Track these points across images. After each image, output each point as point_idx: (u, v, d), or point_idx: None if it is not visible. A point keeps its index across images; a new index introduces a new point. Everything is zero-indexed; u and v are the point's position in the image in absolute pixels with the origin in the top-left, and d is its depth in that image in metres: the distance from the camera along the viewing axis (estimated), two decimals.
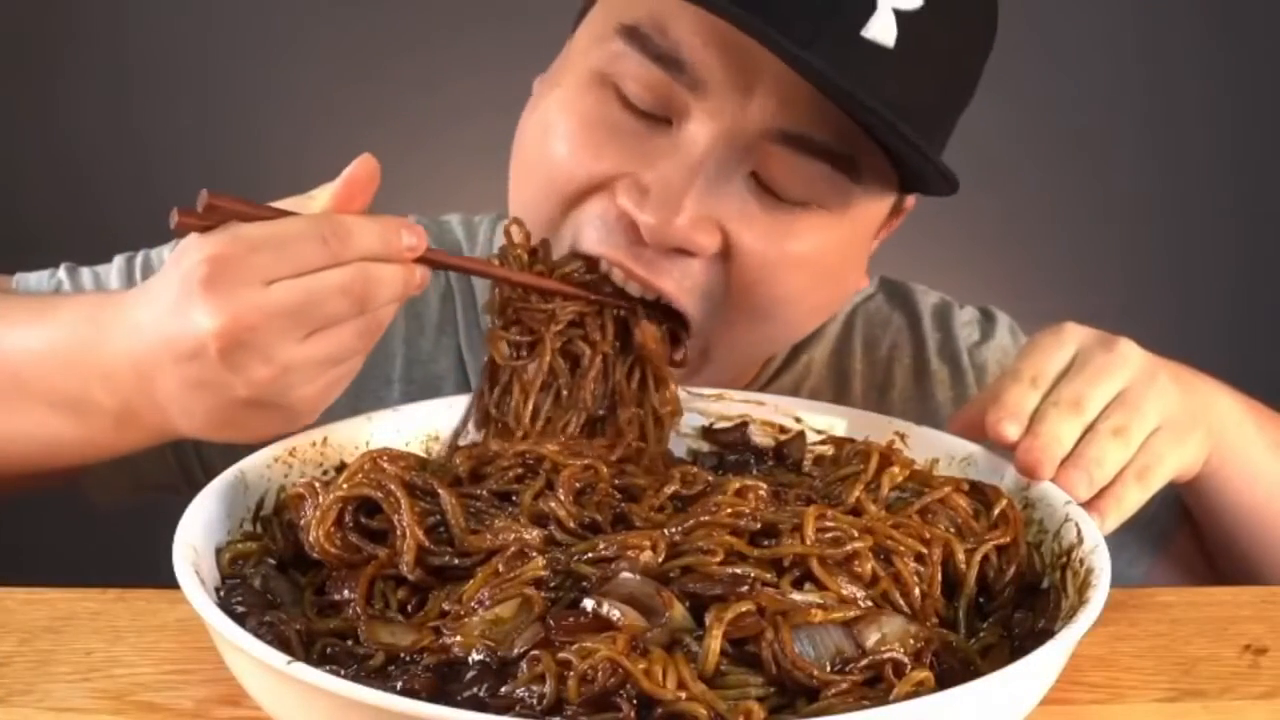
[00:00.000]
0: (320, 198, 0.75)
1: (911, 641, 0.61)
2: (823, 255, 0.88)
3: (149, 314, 0.74)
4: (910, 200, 0.97)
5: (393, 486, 0.69)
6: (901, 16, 0.80)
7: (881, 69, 0.79)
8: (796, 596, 0.63)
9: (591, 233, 0.86)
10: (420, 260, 0.76)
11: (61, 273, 1.03)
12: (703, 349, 0.90)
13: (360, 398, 0.92)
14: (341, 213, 0.74)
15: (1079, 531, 0.71)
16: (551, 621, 0.60)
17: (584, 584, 0.64)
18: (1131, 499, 0.77)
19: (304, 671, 0.54)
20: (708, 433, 0.89)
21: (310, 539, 0.69)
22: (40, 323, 0.81)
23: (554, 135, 0.87)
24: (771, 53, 0.77)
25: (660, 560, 0.65)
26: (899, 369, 1.08)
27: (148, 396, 0.75)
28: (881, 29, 0.79)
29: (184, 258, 0.72)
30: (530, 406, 0.84)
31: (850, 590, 0.65)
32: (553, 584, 0.65)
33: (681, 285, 0.86)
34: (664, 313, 0.87)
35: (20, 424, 0.82)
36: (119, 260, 1.04)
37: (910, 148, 0.80)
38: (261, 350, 0.71)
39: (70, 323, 0.80)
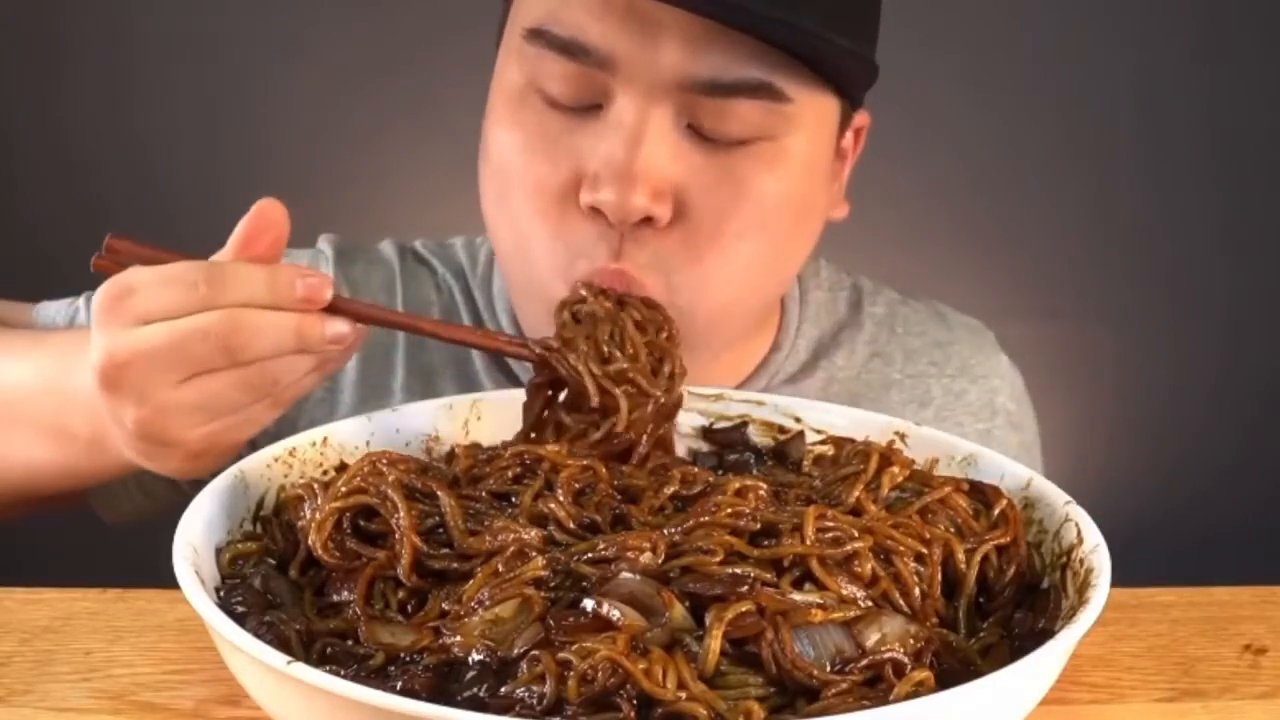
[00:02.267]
0: (226, 248, 0.75)
1: (911, 641, 0.61)
2: (776, 186, 0.89)
3: None
4: (861, 117, 0.98)
5: (390, 491, 0.69)
6: None
7: None
8: (796, 596, 0.63)
9: (582, 261, 0.88)
10: (333, 310, 0.73)
11: (80, 301, 1.04)
12: (678, 324, 0.88)
13: (360, 412, 0.92)
14: (241, 259, 0.73)
15: (1079, 531, 0.71)
16: (551, 621, 0.60)
17: (584, 584, 0.64)
18: None
19: (304, 671, 0.54)
20: (708, 433, 0.89)
21: (307, 544, 0.69)
22: (33, 352, 0.84)
23: (506, 161, 0.89)
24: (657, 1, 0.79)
25: (660, 560, 0.65)
26: (936, 386, 1.08)
27: (106, 423, 0.77)
28: None
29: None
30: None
31: (850, 590, 0.65)
32: (552, 584, 0.65)
33: (643, 263, 0.87)
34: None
35: (10, 447, 0.84)
36: None
37: (806, 36, 0.81)
38: (136, 388, 0.72)
39: (58, 352, 0.82)
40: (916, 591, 0.67)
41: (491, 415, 0.86)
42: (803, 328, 1.08)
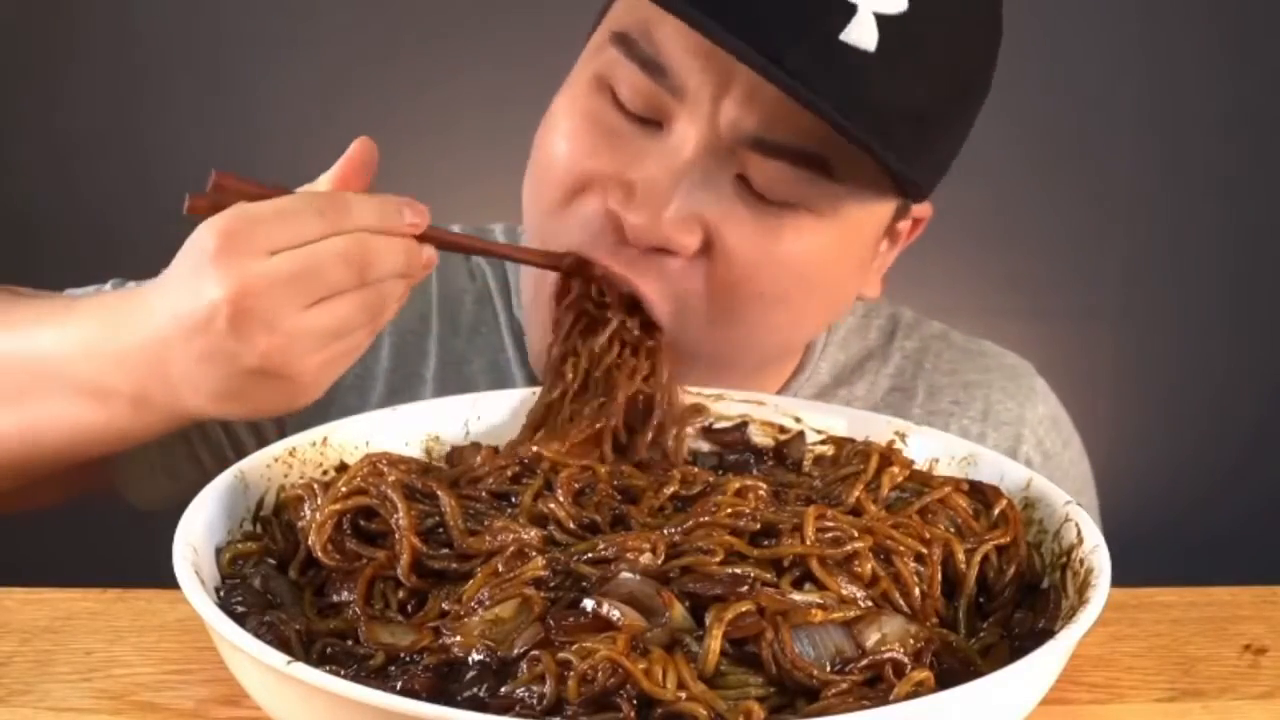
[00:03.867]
0: (323, 181, 0.81)
1: (911, 641, 0.61)
2: (809, 257, 0.88)
3: (160, 297, 0.77)
4: (923, 209, 0.96)
5: (389, 492, 0.69)
6: (884, 20, 0.80)
7: (862, 73, 0.80)
8: (796, 596, 0.63)
9: (583, 234, 0.88)
10: (423, 238, 0.79)
11: (107, 286, 1.04)
12: (684, 352, 0.90)
13: (393, 399, 0.96)
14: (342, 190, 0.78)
15: (1079, 531, 0.71)
16: (551, 621, 0.60)
17: (584, 584, 0.64)
18: None
19: (304, 671, 0.54)
20: (708, 433, 0.89)
21: (307, 545, 0.69)
22: (67, 316, 0.84)
23: (556, 134, 0.90)
24: (736, 59, 0.79)
25: (660, 561, 0.65)
26: (954, 425, 1.06)
27: (159, 377, 0.77)
28: (861, 33, 0.80)
29: (194, 238, 0.75)
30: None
31: (850, 590, 0.65)
32: (552, 584, 0.65)
33: (658, 286, 0.87)
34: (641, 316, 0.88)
35: (49, 412, 0.83)
36: None
37: (861, 147, 0.80)
38: (266, 318, 0.73)
39: (93, 314, 0.82)
40: (916, 591, 0.67)
41: (492, 415, 0.86)
42: (827, 351, 1.07)
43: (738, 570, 0.64)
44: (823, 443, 0.86)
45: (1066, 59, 1.93)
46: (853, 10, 0.79)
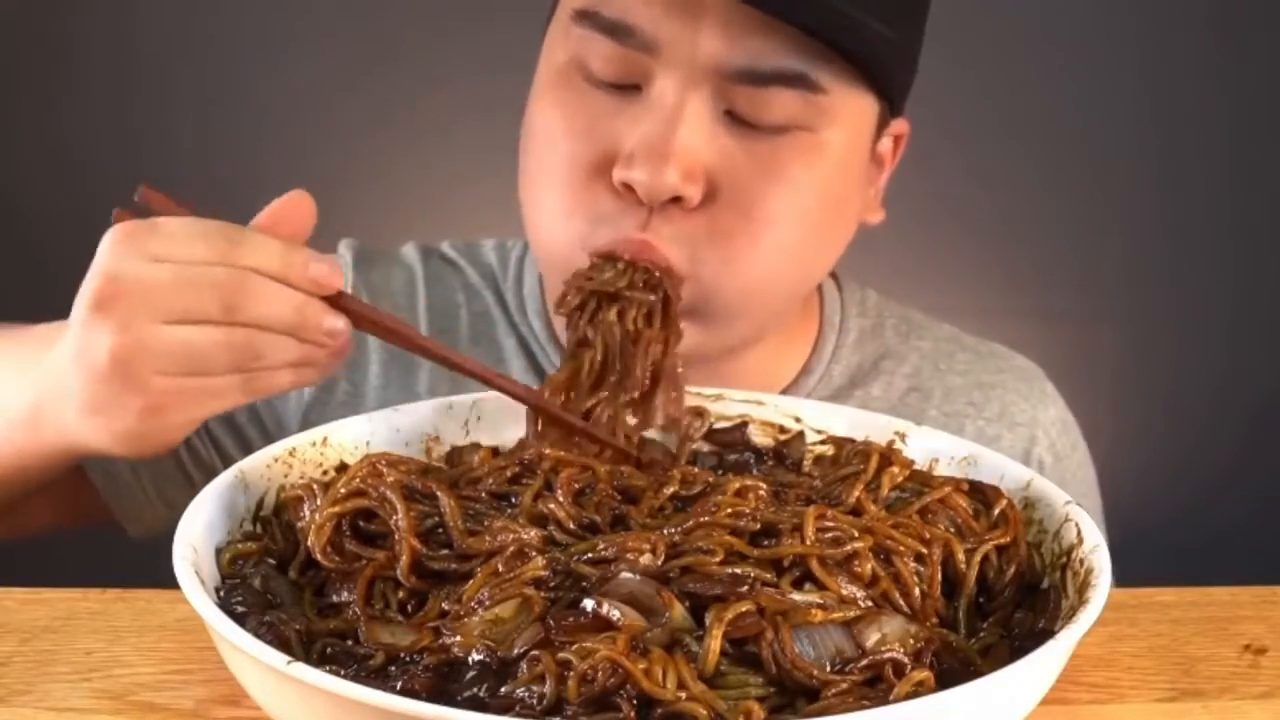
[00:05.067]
0: (250, 226, 0.76)
1: (911, 641, 0.61)
2: (810, 175, 0.90)
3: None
4: (900, 125, 0.98)
5: (389, 493, 0.69)
6: None
7: None
8: (796, 596, 0.63)
9: (606, 229, 0.89)
10: (342, 308, 0.75)
11: None
12: (702, 301, 0.90)
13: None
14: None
15: (1079, 531, 0.71)
16: (551, 621, 0.60)
17: (584, 584, 0.64)
18: None
19: (304, 671, 0.54)
20: (708, 433, 0.89)
21: (307, 546, 0.69)
22: (21, 340, 0.85)
23: (545, 136, 0.91)
24: None
25: (660, 561, 0.65)
26: (970, 427, 1.07)
27: (50, 387, 0.78)
28: None
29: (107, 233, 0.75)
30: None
31: (850, 590, 0.65)
32: (552, 584, 0.65)
33: (667, 235, 0.88)
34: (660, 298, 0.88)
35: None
36: None
37: (838, 17, 0.82)
38: (123, 315, 0.72)
39: (35, 335, 0.84)
40: (916, 591, 0.67)
41: (492, 415, 0.86)
42: (839, 353, 1.07)
43: (738, 570, 0.64)
44: (823, 443, 0.86)
45: (1067, 59, 1.92)
46: None
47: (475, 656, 0.60)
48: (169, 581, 0.63)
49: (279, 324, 0.73)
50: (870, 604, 0.65)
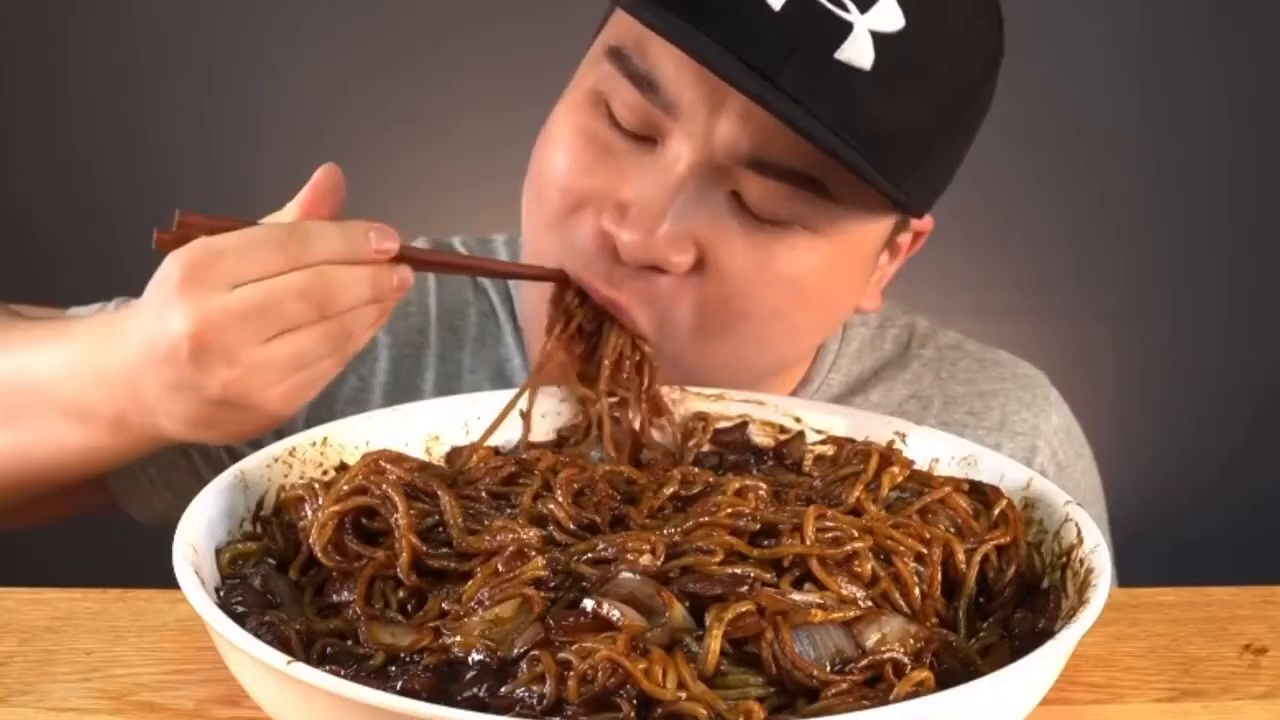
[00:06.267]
0: (289, 210, 0.79)
1: (911, 641, 0.61)
2: (803, 275, 0.87)
3: (135, 323, 0.77)
4: (924, 222, 0.96)
5: (389, 490, 0.69)
6: (880, 38, 0.79)
7: (857, 93, 0.79)
8: (796, 596, 0.63)
9: (577, 254, 0.88)
10: (400, 259, 0.78)
11: (111, 305, 1.05)
12: (668, 364, 0.89)
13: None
14: (307, 219, 0.77)
15: (1079, 531, 0.71)
16: (551, 621, 0.60)
17: (584, 584, 0.64)
18: None
19: (304, 671, 0.54)
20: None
21: (308, 545, 0.69)
22: (56, 340, 0.84)
23: (552, 149, 0.90)
24: (723, 80, 0.78)
25: (660, 562, 0.65)
26: (970, 436, 1.05)
27: (136, 401, 0.78)
28: (857, 51, 0.79)
29: (163, 268, 0.75)
30: None
31: (850, 590, 0.65)
32: (552, 584, 0.65)
33: (642, 300, 0.87)
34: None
35: (38, 434, 0.84)
36: None
37: (854, 170, 0.80)
38: (226, 352, 0.73)
39: (81, 336, 0.83)
40: (916, 591, 0.67)
41: (491, 415, 0.86)
42: (839, 363, 1.06)
43: (738, 570, 0.64)
44: (823, 443, 0.86)
45: (1067, 59, 1.92)
46: (849, 28, 0.79)
47: (475, 656, 0.60)
48: (169, 581, 0.63)
49: (362, 301, 0.76)
50: (870, 604, 0.65)
